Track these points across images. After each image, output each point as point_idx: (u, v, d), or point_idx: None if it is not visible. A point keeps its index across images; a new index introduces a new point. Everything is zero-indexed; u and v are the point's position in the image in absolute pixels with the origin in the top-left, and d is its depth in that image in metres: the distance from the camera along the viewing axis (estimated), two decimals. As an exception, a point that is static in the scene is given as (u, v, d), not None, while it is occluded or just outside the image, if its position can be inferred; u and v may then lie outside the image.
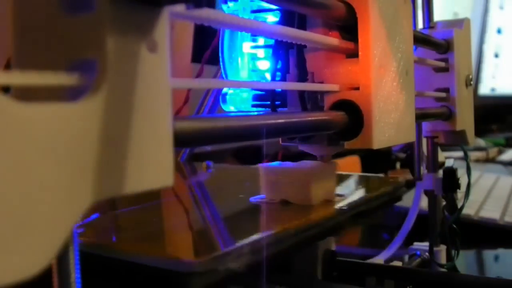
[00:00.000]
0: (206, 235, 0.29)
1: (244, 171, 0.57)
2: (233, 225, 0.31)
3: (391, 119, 0.30)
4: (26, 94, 0.14)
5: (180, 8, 0.16)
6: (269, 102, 0.31)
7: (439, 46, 0.43)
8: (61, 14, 0.15)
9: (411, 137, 0.33)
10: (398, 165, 0.86)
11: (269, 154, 0.83)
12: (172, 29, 0.17)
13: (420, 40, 0.41)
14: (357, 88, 0.29)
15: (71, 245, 0.15)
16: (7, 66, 0.16)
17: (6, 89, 0.12)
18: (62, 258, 0.15)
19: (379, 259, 0.46)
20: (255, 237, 0.25)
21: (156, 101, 0.16)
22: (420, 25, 0.46)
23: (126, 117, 0.15)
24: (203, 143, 0.20)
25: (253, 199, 0.33)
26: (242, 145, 0.90)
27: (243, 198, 0.36)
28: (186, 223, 0.33)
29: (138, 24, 0.15)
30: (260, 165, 0.33)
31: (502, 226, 0.62)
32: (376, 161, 0.86)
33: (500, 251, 0.58)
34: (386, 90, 0.30)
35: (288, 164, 0.33)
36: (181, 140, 0.17)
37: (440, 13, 0.49)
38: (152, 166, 0.16)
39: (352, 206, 0.33)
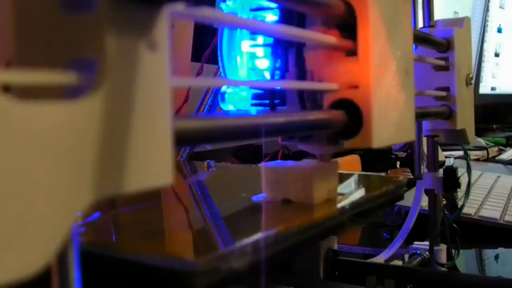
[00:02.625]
0: (208, 235, 0.29)
1: (245, 170, 0.57)
2: (235, 224, 0.31)
3: (390, 118, 0.30)
4: (27, 93, 0.14)
5: (180, 7, 0.16)
6: (268, 101, 0.31)
7: (439, 45, 0.42)
8: (61, 13, 0.15)
9: (411, 136, 0.33)
10: (398, 164, 0.86)
11: (269, 153, 0.83)
12: (172, 28, 0.17)
13: (421, 39, 0.41)
14: (357, 87, 0.29)
15: (70, 244, 0.15)
16: (8, 65, 0.16)
17: (6, 88, 0.12)
18: (61, 257, 0.15)
19: (380, 259, 0.46)
20: (257, 236, 0.24)
21: (156, 99, 0.16)
22: (420, 24, 0.46)
23: (126, 116, 0.15)
24: (203, 142, 0.19)
25: (254, 198, 0.33)
26: (242, 145, 0.90)
27: (244, 197, 0.35)
28: (188, 222, 0.33)
29: (138, 23, 0.15)
30: (261, 164, 0.33)
31: (502, 225, 0.62)
32: (376, 160, 0.86)
33: (500, 250, 0.58)
34: (385, 89, 0.30)
35: (290, 163, 0.33)
36: (180, 139, 0.17)
37: (440, 12, 0.49)
38: (152, 164, 0.16)
39: (354, 205, 0.33)
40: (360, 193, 0.36)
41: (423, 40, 0.41)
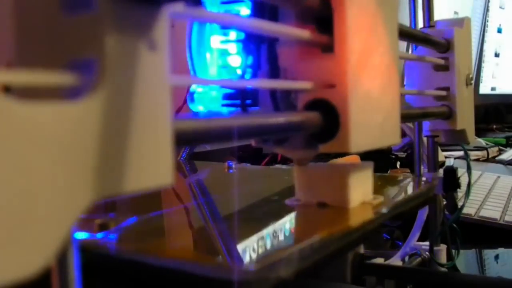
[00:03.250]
0: (252, 242, 0.27)
1: (265, 172, 0.55)
2: (276, 230, 0.28)
3: (371, 120, 0.28)
4: (27, 93, 0.14)
5: (179, 6, 0.16)
6: (239, 101, 0.29)
7: (439, 45, 0.42)
8: (61, 14, 0.15)
9: (396, 139, 0.31)
10: (398, 164, 0.86)
11: (269, 153, 0.83)
12: (171, 28, 0.17)
13: (420, 39, 0.41)
14: (333, 86, 0.26)
15: (70, 244, 0.15)
16: (8, 66, 0.16)
17: (7, 89, 0.12)
18: (61, 257, 0.15)
19: (380, 259, 0.45)
20: (302, 243, 0.23)
21: (155, 99, 0.16)
22: (420, 24, 0.46)
23: (125, 116, 0.15)
24: (203, 142, 0.19)
25: (288, 201, 0.32)
26: (242, 145, 0.90)
27: (277, 200, 0.34)
28: (228, 229, 0.31)
29: (137, 23, 0.15)
30: (294, 166, 0.31)
31: (503, 225, 0.62)
32: (376, 160, 0.86)
33: (501, 251, 0.58)
34: (365, 88, 0.27)
35: (323, 164, 0.31)
36: (180, 139, 0.17)
37: (440, 13, 0.49)
38: (152, 165, 0.16)
39: (391, 208, 0.31)
40: (394, 195, 0.35)
41: (423, 40, 0.41)
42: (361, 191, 0.31)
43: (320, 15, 0.26)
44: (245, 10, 0.29)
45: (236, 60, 0.30)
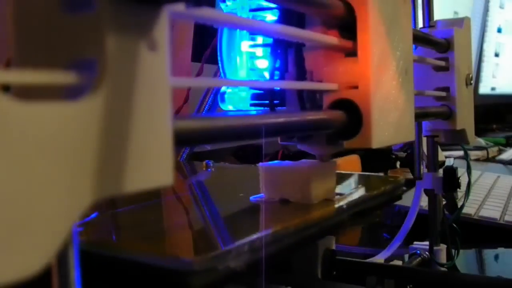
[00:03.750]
0: (206, 234, 0.29)
1: (244, 170, 0.57)
2: (233, 224, 0.31)
3: (390, 118, 0.30)
4: (27, 93, 0.14)
5: (180, 7, 0.16)
6: (267, 101, 0.31)
7: (439, 45, 0.42)
8: (61, 13, 0.15)
9: (411, 136, 0.33)
10: (398, 164, 0.86)
11: (269, 153, 0.83)
12: (172, 29, 0.17)
13: (420, 39, 0.41)
14: (356, 87, 0.29)
15: (71, 244, 0.15)
16: (8, 65, 0.16)
17: (6, 88, 0.12)
18: (62, 257, 0.15)
19: (379, 259, 0.46)
20: (254, 235, 0.24)
21: (156, 99, 0.16)
22: (420, 24, 0.46)
23: (125, 116, 0.15)
24: (203, 142, 0.19)
25: (253, 198, 0.33)
26: (242, 144, 0.90)
27: (242, 197, 0.35)
28: (186, 222, 0.33)
29: (137, 23, 0.15)
30: (259, 164, 0.33)
31: (502, 225, 0.62)
32: (376, 160, 0.86)
33: (500, 250, 0.58)
34: (385, 89, 0.30)
35: (288, 163, 0.33)
36: (180, 139, 0.17)
37: (440, 12, 0.49)
38: (152, 165, 0.16)
39: (352, 204, 0.33)
40: (358, 193, 0.36)
41: (423, 40, 0.41)
42: (324, 189, 0.32)
43: (344, 22, 0.29)
44: (271, 17, 0.31)
45: (263, 63, 0.32)
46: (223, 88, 0.33)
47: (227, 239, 0.27)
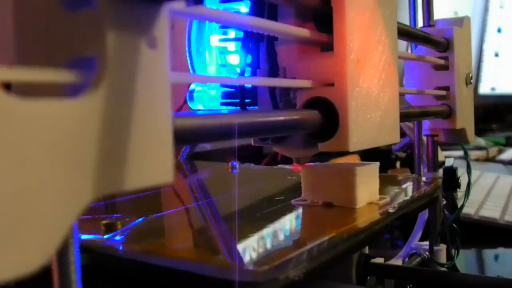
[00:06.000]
0: (258, 242, 0.26)
1: (269, 172, 0.55)
2: (283, 230, 0.28)
3: (370, 119, 0.28)
4: (27, 91, 0.14)
5: (179, 5, 0.16)
6: (238, 100, 0.29)
7: (439, 45, 0.42)
8: (61, 11, 0.15)
9: (395, 138, 0.31)
10: (398, 164, 0.86)
11: (269, 153, 0.83)
12: (172, 28, 0.17)
13: (420, 38, 0.41)
14: (332, 85, 0.26)
15: (71, 243, 0.15)
16: (8, 63, 0.16)
17: (7, 86, 0.12)
18: (62, 256, 0.15)
19: (380, 258, 0.45)
20: (311, 243, 0.23)
21: (156, 97, 0.16)
22: (420, 23, 0.46)
23: (126, 114, 0.15)
24: (203, 140, 0.19)
25: (294, 201, 0.31)
26: (242, 144, 0.90)
27: (282, 200, 0.34)
28: (233, 229, 0.30)
29: (137, 20, 0.15)
30: (301, 166, 0.31)
31: (502, 225, 0.62)
32: (376, 160, 0.86)
33: (500, 250, 0.58)
34: (364, 86, 0.27)
35: (330, 164, 0.31)
36: (181, 137, 0.17)
37: (440, 12, 0.49)
38: (152, 162, 0.16)
39: (398, 208, 0.31)
40: (400, 195, 0.34)
41: (423, 39, 0.41)
42: (368, 192, 0.31)
43: (320, 14, 0.26)
44: (244, 9, 0.29)
45: (235, 59, 0.30)
46: (192, 86, 0.32)
47: (282, 247, 0.25)
